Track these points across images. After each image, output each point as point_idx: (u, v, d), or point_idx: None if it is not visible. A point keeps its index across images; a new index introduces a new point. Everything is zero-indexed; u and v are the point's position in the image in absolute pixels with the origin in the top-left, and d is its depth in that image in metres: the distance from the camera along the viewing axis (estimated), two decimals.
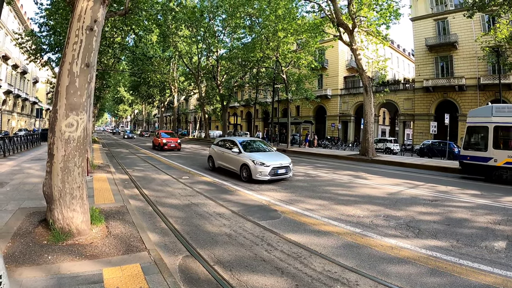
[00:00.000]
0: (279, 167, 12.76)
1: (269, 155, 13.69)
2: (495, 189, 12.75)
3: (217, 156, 15.57)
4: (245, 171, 12.98)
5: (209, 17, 41.94)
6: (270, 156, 13.61)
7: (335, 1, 24.05)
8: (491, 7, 20.33)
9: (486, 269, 5.20)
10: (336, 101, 50.82)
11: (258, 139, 16.67)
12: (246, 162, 12.84)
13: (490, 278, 4.91)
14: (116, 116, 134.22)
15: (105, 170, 13.65)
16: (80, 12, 5.40)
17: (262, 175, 12.35)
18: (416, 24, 41.41)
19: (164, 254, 5.34)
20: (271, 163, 12.58)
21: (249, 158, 12.86)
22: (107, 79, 37.98)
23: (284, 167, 12.97)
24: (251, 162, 12.65)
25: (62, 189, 5.31)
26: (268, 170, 12.38)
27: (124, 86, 71.09)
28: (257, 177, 12.37)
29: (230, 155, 14.22)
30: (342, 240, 6.44)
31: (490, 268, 5.23)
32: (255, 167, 12.45)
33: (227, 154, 14.61)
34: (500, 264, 5.43)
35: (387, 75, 33.12)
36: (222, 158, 15.08)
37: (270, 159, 13.01)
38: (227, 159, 14.56)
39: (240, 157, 13.37)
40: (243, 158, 13.17)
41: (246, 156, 13.17)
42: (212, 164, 16.00)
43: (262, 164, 12.45)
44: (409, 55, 64.89)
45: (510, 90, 33.37)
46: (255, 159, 12.67)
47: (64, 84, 5.32)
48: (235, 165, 13.71)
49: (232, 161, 14.08)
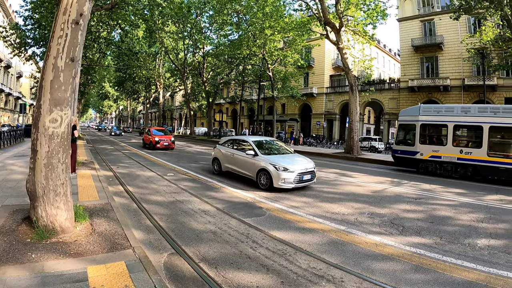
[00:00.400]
0: (304, 172, 11.00)
1: (290, 158, 11.74)
2: (478, 188, 12.99)
3: (225, 158, 13.44)
4: (263, 177, 11.03)
5: (196, 13, 41.74)
6: (291, 159, 11.65)
7: (322, 0, 24.14)
8: (477, 9, 20.67)
9: (469, 266, 5.30)
10: (321, 99, 51.04)
11: (272, 139, 14.39)
12: (265, 167, 10.86)
13: (473, 274, 5.01)
14: (101, 112, 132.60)
15: (89, 167, 13.45)
16: (66, 5, 5.30)
17: (286, 183, 10.50)
18: (402, 24, 41.85)
19: (149, 251, 5.29)
20: (295, 168, 10.77)
21: (269, 162, 10.90)
22: (92, 74, 37.48)
23: (309, 172, 11.20)
24: (271, 167, 10.70)
25: (46, 186, 5.21)
26: (293, 177, 10.57)
27: (109, 81, 70.29)
28: (280, 185, 10.48)
29: (243, 158, 12.12)
30: (327, 237, 6.48)
31: (473, 265, 5.34)
32: (277, 173, 10.52)
33: (238, 157, 12.48)
34: (483, 261, 5.54)
35: (372, 74, 33.43)
36: (232, 161, 12.98)
37: (293, 163, 11.17)
38: (239, 162, 12.45)
39: (257, 161, 11.35)
40: (261, 162, 11.16)
41: (264, 159, 11.18)
42: (219, 167, 13.87)
43: (286, 169, 10.55)
44: (395, 55, 65.53)
45: (494, 91, 34.03)
46: (276, 164, 10.71)
47: (49, 78, 5.22)
48: (250, 170, 11.73)
49: (245, 166, 12.05)
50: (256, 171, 11.34)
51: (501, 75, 33.56)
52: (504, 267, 5.34)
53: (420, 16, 40.23)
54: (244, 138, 13.57)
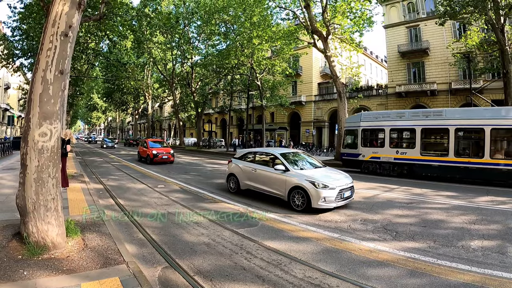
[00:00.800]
0: (345, 188, 9.56)
1: (326, 173, 10.28)
2: (469, 190, 13.14)
3: (244, 174, 11.65)
4: (298, 196, 9.41)
5: (184, 24, 41.75)
6: (327, 173, 10.18)
7: (309, 8, 24.39)
8: (462, 15, 21.04)
9: (464, 268, 5.35)
10: (310, 107, 51.26)
11: (298, 150, 12.71)
12: (301, 184, 9.28)
13: (468, 276, 5.04)
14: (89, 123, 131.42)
15: (79, 180, 13.29)
16: (55, 17, 5.25)
17: (327, 202, 9.00)
18: (388, 31, 42.36)
19: (143, 266, 5.20)
20: (335, 184, 9.32)
21: (305, 179, 9.32)
22: (80, 86, 37.33)
23: (349, 188, 9.78)
24: (309, 184, 9.11)
25: (36, 201, 5.11)
26: (335, 195, 9.10)
27: (97, 93, 69.86)
28: (320, 204, 8.95)
29: (269, 174, 10.48)
30: (321, 245, 6.47)
31: (468, 267, 5.38)
32: (316, 192, 8.95)
33: (263, 173, 10.83)
34: (478, 263, 5.59)
35: (360, 81, 33.74)
36: (254, 177, 11.20)
37: (331, 178, 9.72)
38: (264, 179, 10.75)
39: (289, 177, 9.72)
40: (294, 178, 9.58)
41: (298, 175, 9.63)
42: (236, 185, 12.01)
43: (325, 186, 9.05)
44: (382, 62, 66.21)
45: (481, 94, 34.55)
46: (315, 180, 9.18)
47: (38, 91, 5.15)
48: (279, 187, 10.06)
49: (272, 183, 10.36)
50: (287, 189, 9.72)
51: (486, 78, 34.14)
52: (499, 267, 5.40)
53: (405, 22, 40.78)
54: (268, 150, 11.90)
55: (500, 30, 18.96)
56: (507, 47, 19.24)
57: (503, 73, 19.93)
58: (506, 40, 19.27)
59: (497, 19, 19.08)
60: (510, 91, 18.96)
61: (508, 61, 19.30)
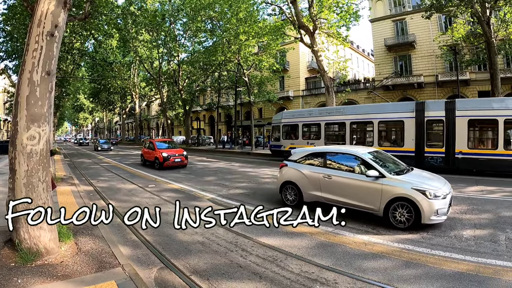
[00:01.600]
0: (451, 196, 7.51)
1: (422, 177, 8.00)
2: (458, 180, 13.25)
3: (310, 183, 8.87)
4: (402, 210, 7.14)
5: (170, 21, 41.45)
6: (424, 178, 7.90)
7: (296, 3, 24.39)
8: (448, 8, 21.20)
9: (458, 257, 5.42)
10: (298, 102, 51.27)
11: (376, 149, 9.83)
12: (407, 194, 7.02)
13: (462, 265, 5.12)
14: (77, 124, 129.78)
15: (68, 183, 13.12)
16: (40, 17, 5.12)
17: (440, 215, 6.94)
18: (375, 25, 42.54)
19: (139, 268, 5.14)
20: (444, 191, 7.20)
21: (412, 187, 7.08)
22: (67, 87, 36.85)
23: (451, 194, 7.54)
24: (419, 195, 6.90)
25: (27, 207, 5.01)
26: (446, 205, 7.06)
27: (84, 93, 68.98)
28: (433, 219, 6.89)
29: (355, 182, 7.93)
30: (315, 240, 6.50)
31: (461, 256, 5.46)
32: (429, 204, 6.82)
33: (344, 180, 8.16)
34: (471, 251, 5.67)
35: (348, 75, 33.95)
36: (328, 186, 8.47)
37: (434, 183, 7.53)
38: (345, 188, 8.12)
39: (386, 185, 7.34)
40: (396, 187, 7.24)
41: (402, 182, 7.32)
42: (297, 196, 9.17)
43: (436, 196, 6.94)
44: (369, 55, 66.50)
45: (467, 85, 35.03)
46: (426, 189, 6.98)
47: (24, 94, 5.02)
48: (370, 200, 7.62)
49: (359, 193, 7.83)
50: (384, 202, 7.35)
51: (473, 70, 34.56)
52: (492, 255, 5.48)
53: (392, 16, 41.00)
54: (346, 150, 9.13)
55: (486, 23, 19.17)
56: (493, 39, 19.48)
57: (489, 64, 20.18)
58: (492, 32, 19.50)
59: (483, 12, 19.28)
60: (496, 82, 19.21)
61: (494, 52, 19.55)
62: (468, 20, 24.39)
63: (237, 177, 15.79)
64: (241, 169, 18.78)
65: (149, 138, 37.96)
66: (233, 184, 13.49)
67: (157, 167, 19.55)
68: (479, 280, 4.63)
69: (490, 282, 4.60)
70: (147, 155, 21.67)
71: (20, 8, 17.36)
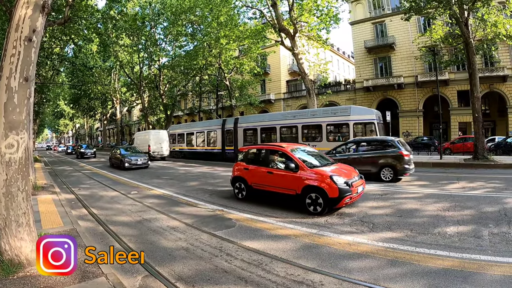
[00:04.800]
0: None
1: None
2: (440, 178, 13.56)
3: None
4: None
5: (150, 25, 41.22)
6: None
7: (276, 7, 24.52)
8: (427, 10, 21.53)
9: (442, 254, 5.48)
10: (279, 105, 51.52)
11: None
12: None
13: (447, 262, 5.18)
14: (57, 131, 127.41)
15: (49, 191, 12.78)
16: (18, 21, 4.99)
17: None
18: (355, 27, 43.17)
19: (122, 276, 5.00)
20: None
21: None
22: (46, 93, 36.16)
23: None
24: None
25: (7, 217, 4.83)
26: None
27: (64, 99, 67.70)
28: None
29: None
30: (300, 242, 6.48)
31: (446, 253, 5.52)
32: None
33: None
34: (455, 248, 5.75)
35: (328, 77, 34.21)
36: None
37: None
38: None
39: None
40: None
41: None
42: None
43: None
44: (349, 57, 67.29)
45: (447, 85, 35.87)
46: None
47: (2, 101, 4.87)
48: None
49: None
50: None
51: (452, 70, 35.31)
52: (476, 251, 5.56)
53: (371, 18, 41.69)
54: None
55: (464, 24, 19.53)
56: (471, 40, 19.85)
57: (468, 64, 20.55)
58: (470, 33, 19.87)
59: (461, 13, 19.64)
60: (475, 82, 19.59)
61: (473, 53, 19.93)
62: (446, 21, 24.82)
63: (220, 181, 15.66)
64: (224, 173, 18.66)
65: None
66: (216, 189, 13.40)
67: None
68: (464, 276, 4.68)
69: (475, 277, 4.66)
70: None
71: None
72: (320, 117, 20.63)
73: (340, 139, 19.21)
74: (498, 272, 4.79)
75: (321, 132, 20.33)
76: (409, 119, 38.94)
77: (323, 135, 20.22)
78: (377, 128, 18.11)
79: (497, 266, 4.96)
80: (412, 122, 38.74)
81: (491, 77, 33.61)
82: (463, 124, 36.34)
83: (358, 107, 22.82)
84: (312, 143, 19.60)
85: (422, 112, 38.44)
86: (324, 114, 20.69)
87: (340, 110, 20.63)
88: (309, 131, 21.43)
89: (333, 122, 19.99)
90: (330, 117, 20.07)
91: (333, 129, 20.26)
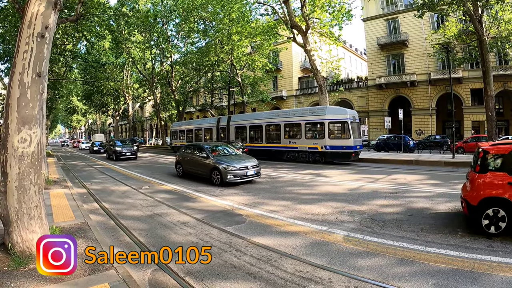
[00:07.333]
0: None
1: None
2: (452, 178, 13.36)
3: None
4: None
5: (162, 22, 41.40)
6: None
7: (288, 3, 24.41)
8: (440, 6, 21.27)
9: (453, 254, 5.42)
10: (291, 101, 51.35)
11: None
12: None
13: (457, 262, 5.12)
14: (70, 127, 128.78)
15: (61, 185, 12.97)
16: (31, 18, 5.07)
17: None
18: (367, 24, 42.79)
19: (132, 270, 5.05)
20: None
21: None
22: (59, 89, 36.49)
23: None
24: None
25: (19, 210, 4.93)
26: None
27: (76, 95, 68.25)
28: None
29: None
30: (309, 239, 6.47)
31: (456, 253, 5.45)
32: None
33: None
34: (466, 248, 5.67)
35: (340, 74, 34.02)
36: None
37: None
38: None
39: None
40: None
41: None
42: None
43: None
44: (362, 54, 66.77)
45: (460, 83, 35.31)
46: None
47: (15, 96, 4.97)
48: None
49: None
50: None
51: (465, 68, 34.80)
52: (487, 251, 5.48)
53: (384, 15, 41.25)
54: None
55: (478, 21, 19.26)
56: (485, 37, 19.57)
57: (482, 62, 20.27)
58: (484, 30, 19.60)
59: (474, 10, 19.36)
60: (489, 80, 19.31)
61: (487, 50, 19.64)
62: (460, 18, 24.52)
63: None
64: None
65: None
66: None
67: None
68: (474, 276, 4.64)
69: (485, 278, 4.61)
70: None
71: (12, 10, 17.17)
72: (299, 116, 22.78)
73: (317, 137, 21.18)
74: (508, 274, 4.73)
75: (301, 130, 22.15)
76: (421, 117, 38.50)
77: (302, 133, 22.07)
78: (350, 127, 19.61)
79: (507, 268, 4.89)
80: (424, 120, 38.31)
81: (505, 76, 32.94)
82: (476, 123, 35.81)
83: (334, 107, 24.24)
84: (292, 140, 22.78)
85: (435, 110, 37.96)
86: (303, 113, 22.84)
87: (317, 110, 22.29)
88: (290, 129, 23.33)
89: (311, 121, 21.87)
90: (308, 117, 22.12)
91: (311, 127, 21.95)
